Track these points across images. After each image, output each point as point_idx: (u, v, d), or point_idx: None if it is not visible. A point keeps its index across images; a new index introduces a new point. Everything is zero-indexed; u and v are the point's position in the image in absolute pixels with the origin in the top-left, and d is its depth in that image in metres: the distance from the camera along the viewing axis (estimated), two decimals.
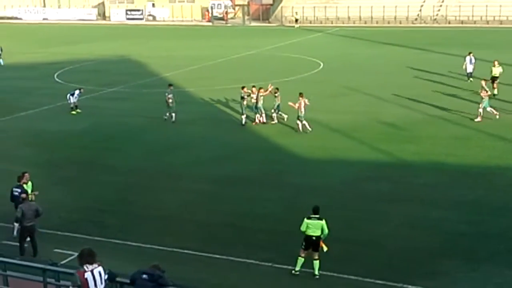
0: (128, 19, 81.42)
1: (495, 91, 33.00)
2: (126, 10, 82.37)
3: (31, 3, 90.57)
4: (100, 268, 9.87)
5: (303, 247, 15.80)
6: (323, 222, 15.73)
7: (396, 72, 41.33)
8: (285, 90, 35.42)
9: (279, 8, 76.08)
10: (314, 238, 15.69)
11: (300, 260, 15.82)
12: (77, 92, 32.79)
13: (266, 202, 20.57)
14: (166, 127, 29.79)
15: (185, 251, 17.21)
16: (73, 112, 32.37)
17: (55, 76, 43.51)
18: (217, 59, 49.27)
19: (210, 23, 76.85)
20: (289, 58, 49.47)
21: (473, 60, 36.87)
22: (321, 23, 72.47)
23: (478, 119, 28.64)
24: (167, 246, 17.30)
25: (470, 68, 36.90)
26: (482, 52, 41.86)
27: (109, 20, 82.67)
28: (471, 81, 36.33)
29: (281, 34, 64.63)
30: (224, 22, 76.83)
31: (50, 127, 30.46)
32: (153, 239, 17.73)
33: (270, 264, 16.44)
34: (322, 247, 15.74)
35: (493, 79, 33.54)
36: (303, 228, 15.72)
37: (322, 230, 15.70)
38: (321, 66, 45.07)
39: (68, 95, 32.89)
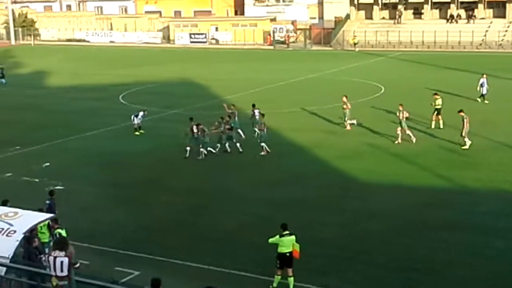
0: (191, 42, 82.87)
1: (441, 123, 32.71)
2: (190, 34, 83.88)
3: (99, 26, 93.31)
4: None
5: (278, 266, 16.16)
6: (293, 237, 16.15)
7: (460, 97, 40.64)
8: (340, 114, 35.41)
9: (340, 32, 76.09)
10: (288, 254, 16.08)
11: (277, 278, 16.21)
12: (141, 113, 33.56)
13: (323, 226, 20.51)
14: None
15: (242, 273, 17.30)
16: (137, 133, 33.11)
17: (120, 97, 44.63)
18: (277, 82, 49.58)
19: (271, 47, 77.45)
20: (350, 82, 49.35)
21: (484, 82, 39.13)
22: (383, 47, 72.05)
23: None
24: (225, 268, 17.45)
25: (484, 90, 39.14)
26: None
27: (174, 43, 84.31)
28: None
29: (342, 58, 64.58)
30: (285, 46, 77.27)
31: (114, 147, 31.24)
32: (212, 260, 17.90)
33: None
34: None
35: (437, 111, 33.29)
36: (271, 241, 16.19)
37: (294, 246, 16.08)
38: (382, 91, 44.77)
39: (132, 116, 33.69)
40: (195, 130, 28.58)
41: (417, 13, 77.15)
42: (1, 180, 26.34)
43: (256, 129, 30.97)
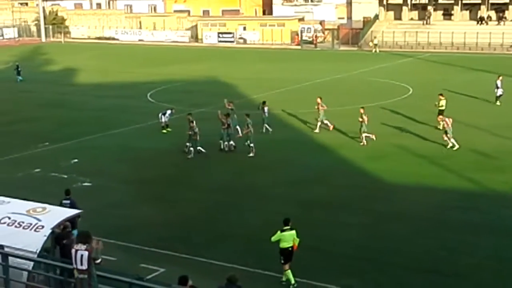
0: (219, 41, 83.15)
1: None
2: (218, 33, 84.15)
3: (128, 24, 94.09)
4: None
5: (282, 261, 16.42)
6: (294, 232, 16.42)
7: (490, 100, 40.23)
8: (370, 115, 35.24)
9: (369, 32, 75.69)
10: (289, 249, 16.34)
11: (288, 273, 16.44)
12: (168, 111, 33.82)
13: (347, 226, 20.50)
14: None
15: (267, 272, 17.37)
16: (164, 131, 33.37)
17: (148, 95, 44.99)
18: (304, 82, 49.54)
19: (299, 47, 77.36)
20: (378, 83, 49.13)
21: (500, 84, 39.29)
22: (411, 48, 71.50)
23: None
24: (250, 267, 17.50)
25: (499, 91, 39.39)
26: None
27: (201, 42, 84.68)
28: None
29: (370, 59, 64.27)
30: (313, 46, 77.13)
31: (142, 145, 31.53)
32: (236, 259, 17.98)
33: None
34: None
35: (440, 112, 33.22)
36: (274, 238, 16.42)
37: (294, 240, 16.38)
38: (410, 92, 44.49)
39: (160, 114, 33.97)
40: (192, 125, 29.30)
41: (447, 14, 76.44)
42: (30, 176, 26.78)
43: (267, 126, 32.06)
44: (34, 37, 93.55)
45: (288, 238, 16.35)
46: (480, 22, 73.03)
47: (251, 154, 28.69)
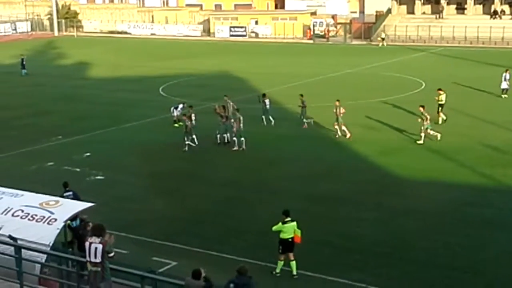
0: (231, 35, 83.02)
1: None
2: (230, 27, 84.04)
3: (140, 19, 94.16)
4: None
5: (280, 251, 16.67)
6: (295, 223, 16.65)
7: (503, 94, 39.93)
8: (382, 109, 35.13)
9: (381, 26, 75.32)
10: (290, 240, 16.59)
11: (280, 264, 16.78)
12: (180, 106, 33.81)
13: (361, 222, 20.41)
14: (263, 142, 30.16)
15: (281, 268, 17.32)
16: (176, 125, 33.36)
17: (160, 89, 45.02)
18: (316, 76, 49.39)
19: (311, 41, 77.12)
20: (390, 77, 48.89)
21: (508, 77, 39.49)
22: (424, 42, 71.10)
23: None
24: (261, 261, 17.48)
25: (504, 85, 39.46)
26: None
27: (214, 36, 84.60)
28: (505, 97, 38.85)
29: (383, 53, 63.97)
30: (325, 40, 76.86)
31: (154, 139, 31.54)
32: (248, 253, 17.95)
33: (363, 285, 16.29)
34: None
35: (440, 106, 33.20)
36: (275, 228, 16.74)
37: (295, 232, 16.60)
38: (423, 86, 44.23)
39: (172, 108, 33.98)
40: (193, 118, 29.69)
41: (460, 8, 75.89)
42: (43, 169, 26.88)
43: (270, 118, 32.50)
44: (47, 31, 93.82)
45: (289, 229, 16.67)
46: (493, 16, 72.48)
47: (235, 148, 28.75)
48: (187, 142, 28.86)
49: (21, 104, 40.96)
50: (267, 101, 33.34)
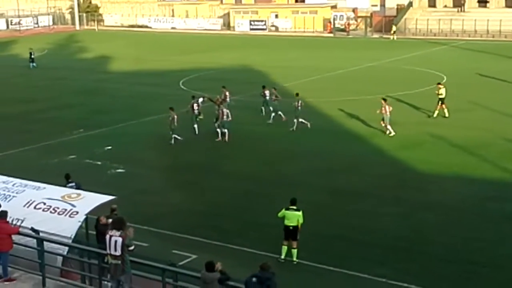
0: (251, 29, 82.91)
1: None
2: (250, 21, 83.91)
3: (161, 12, 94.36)
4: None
5: (284, 236, 17.20)
6: (300, 213, 17.11)
7: None
8: (403, 103, 34.91)
9: (402, 20, 74.77)
10: (291, 227, 17.04)
11: (283, 249, 17.22)
12: (200, 99, 33.83)
13: (381, 217, 20.36)
14: (282, 136, 30.15)
15: (299, 260, 17.35)
16: (200, 117, 33.38)
17: (181, 83, 45.15)
18: (337, 70, 49.20)
19: (331, 34, 76.76)
20: (411, 71, 48.56)
21: None
22: (446, 35, 70.43)
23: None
24: (280, 254, 17.48)
25: None
26: None
27: (233, 30, 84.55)
28: None
29: (403, 46, 63.52)
30: (345, 33, 76.45)
31: (174, 132, 31.60)
32: (268, 247, 17.99)
33: (384, 280, 16.26)
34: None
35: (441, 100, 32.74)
36: (279, 214, 17.30)
37: (298, 221, 17.02)
38: (444, 80, 43.84)
39: (193, 101, 33.96)
40: (195, 108, 30.55)
41: (482, 1, 75.04)
42: (65, 162, 27.13)
43: (271, 109, 32.74)
44: (68, 25, 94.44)
45: (291, 217, 17.09)
46: None
47: (218, 139, 29.27)
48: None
49: (43, 98, 41.37)
50: (266, 93, 33.71)
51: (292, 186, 23.28)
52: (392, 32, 70.75)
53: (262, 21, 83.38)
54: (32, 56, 54.71)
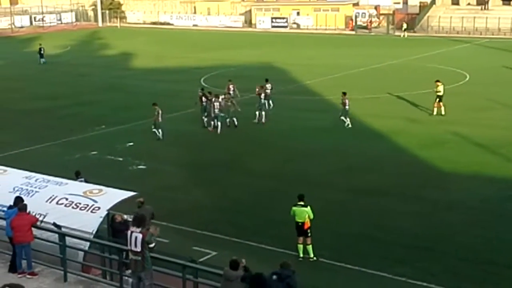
0: (273, 27, 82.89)
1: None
2: (272, 18, 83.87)
3: (183, 10, 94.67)
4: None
5: (297, 234, 17.19)
6: (307, 209, 17.01)
7: None
8: (424, 102, 34.65)
9: (425, 17, 74.25)
10: (300, 224, 17.01)
11: (299, 247, 17.19)
12: (221, 96, 33.88)
13: (402, 215, 20.26)
14: (304, 134, 30.12)
15: (319, 258, 17.34)
16: (222, 114, 33.45)
17: (202, 80, 45.26)
18: (358, 68, 49.02)
19: (353, 32, 76.49)
20: (433, 69, 48.19)
21: None
22: (469, 33, 69.84)
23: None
24: (299, 253, 17.50)
25: None
26: None
27: (255, 27, 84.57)
28: None
29: (426, 44, 63.10)
30: (367, 31, 76.10)
31: (195, 129, 31.78)
32: (287, 244, 17.99)
33: (403, 279, 16.20)
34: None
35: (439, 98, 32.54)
36: (291, 213, 17.24)
37: (308, 216, 16.95)
38: (467, 78, 43.51)
39: (213, 99, 34.04)
40: (203, 100, 31.17)
41: None
42: (86, 158, 27.37)
43: (271, 102, 33.86)
44: (91, 21, 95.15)
45: (299, 213, 17.06)
46: None
47: (210, 128, 30.79)
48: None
49: (65, 94, 41.73)
50: (268, 86, 34.21)
51: (313, 184, 23.25)
52: (403, 29, 70.47)
53: (283, 18, 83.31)
54: (42, 52, 55.21)
